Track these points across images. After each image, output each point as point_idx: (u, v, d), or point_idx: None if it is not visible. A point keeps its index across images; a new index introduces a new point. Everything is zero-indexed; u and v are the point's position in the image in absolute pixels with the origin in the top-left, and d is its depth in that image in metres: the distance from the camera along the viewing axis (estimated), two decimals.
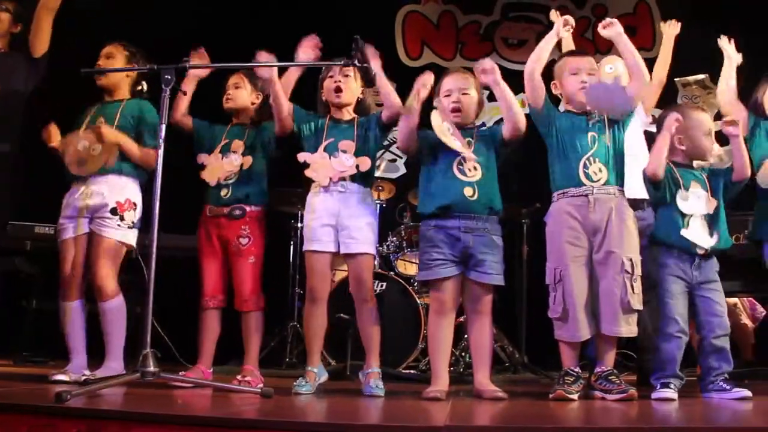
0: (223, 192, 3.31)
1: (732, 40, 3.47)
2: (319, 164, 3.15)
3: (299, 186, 3.37)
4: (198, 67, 3.25)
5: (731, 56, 3.49)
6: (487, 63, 3.00)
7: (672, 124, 2.97)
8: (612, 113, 3.01)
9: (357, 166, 3.14)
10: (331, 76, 3.24)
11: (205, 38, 3.42)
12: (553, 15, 3.55)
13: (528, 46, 6.29)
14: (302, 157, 3.19)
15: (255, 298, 3.27)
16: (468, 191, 2.96)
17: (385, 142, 4.35)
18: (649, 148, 3.20)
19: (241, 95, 3.43)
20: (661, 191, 3.00)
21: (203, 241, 3.34)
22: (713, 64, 5.78)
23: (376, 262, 3.29)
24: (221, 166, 3.34)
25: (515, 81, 6.30)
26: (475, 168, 2.99)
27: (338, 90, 3.20)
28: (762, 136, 3.31)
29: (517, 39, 6.36)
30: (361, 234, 3.10)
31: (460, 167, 2.99)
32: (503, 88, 3.00)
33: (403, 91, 6.23)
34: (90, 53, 3.39)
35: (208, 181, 3.35)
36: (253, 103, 3.44)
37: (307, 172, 3.18)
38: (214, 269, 3.31)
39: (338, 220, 3.11)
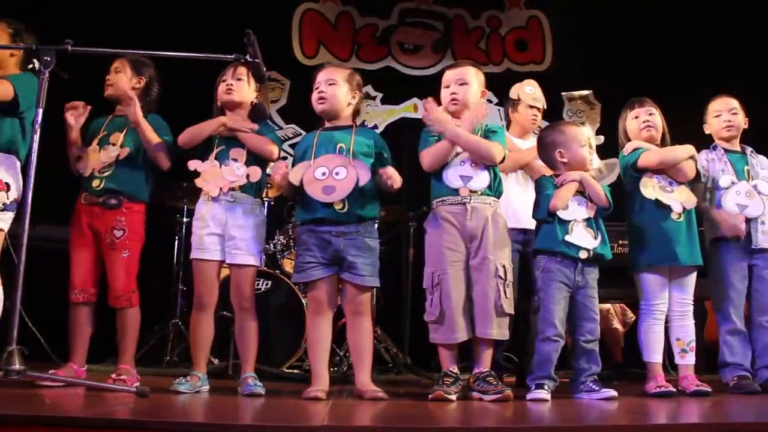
0: (95, 183, 3.18)
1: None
2: (209, 174, 3.12)
3: (185, 179, 3.28)
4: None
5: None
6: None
7: (577, 178, 3.12)
8: None
9: (248, 176, 3.11)
10: (224, 80, 3.20)
11: (96, 24, 3.31)
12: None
13: (423, 52, 6.41)
14: (192, 165, 3.15)
15: (128, 295, 3.15)
16: (338, 205, 2.97)
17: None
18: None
19: (121, 80, 3.29)
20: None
21: (74, 230, 3.20)
22: (598, 79, 6.15)
23: (262, 260, 3.25)
24: (97, 157, 3.20)
25: (409, 85, 6.43)
26: None
27: (229, 91, 3.17)
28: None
29: (412, 44, 6.44)
30: (247, 245, 3.10)
31: None
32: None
33: (297, 89, 6.22)
34: None
35: (81, 172, 3.21)
36: (134, 88, 3.29)
37: (198, 182, 3.14)
38: (84, 261, 3.16)
39: (225, 229, 3.10)
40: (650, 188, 3.33)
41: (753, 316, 3.44)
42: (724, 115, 3.61)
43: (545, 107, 3.84)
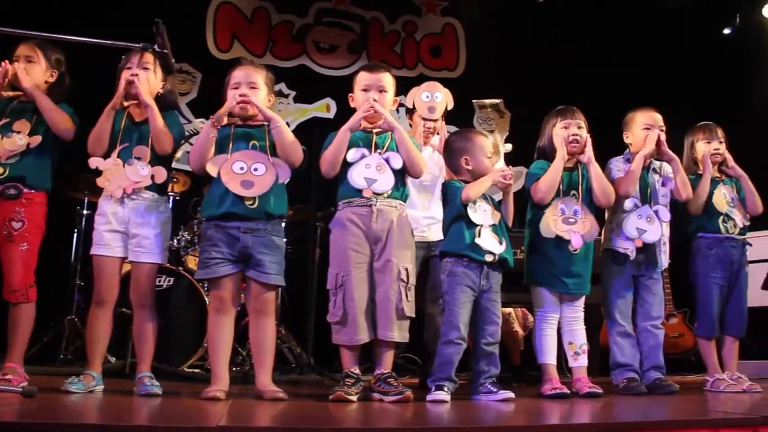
0: None
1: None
2: (112, 173, 3.02)
3: (88, 170, 3.15)
4: None
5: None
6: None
7: (498, 177, 3.15)
8: None
9: (152, 177, 3.04)
10: (129, 68, 3.09)
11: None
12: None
13: (338, 53, 6.41)
14: (94, 163, 3.04)
15: (24, 289, 3.01)
16: (248, 200, 2.94)
17: (186, 133, 4.20)
18: None
19: (34, 71, 3.12)
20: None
21: None
22: (509, 89, 6.31)
23: (165, 257, 3.17)
24: (1, 145, 3.04)
25: (322, 85, 6.41)
26: None
27: (132, 82, 3.05)
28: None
29: (328, 44, 6.43)
30: (150, 243, 3.04)
31: None
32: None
33: (208, 82, 6.10)
34: None
35: None
36: (47, 82, 3.15)
37: (99, 182, 3.04)
38: None
39: (128, 227, 3.03)
40: (551, 223, 3.35)
41: (639, 322, 3.59)
42: (656, 130, 3.59)
43: (449, 110, 3.70)
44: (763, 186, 3.88)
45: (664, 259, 3.63)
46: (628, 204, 3.57)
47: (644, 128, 3.64)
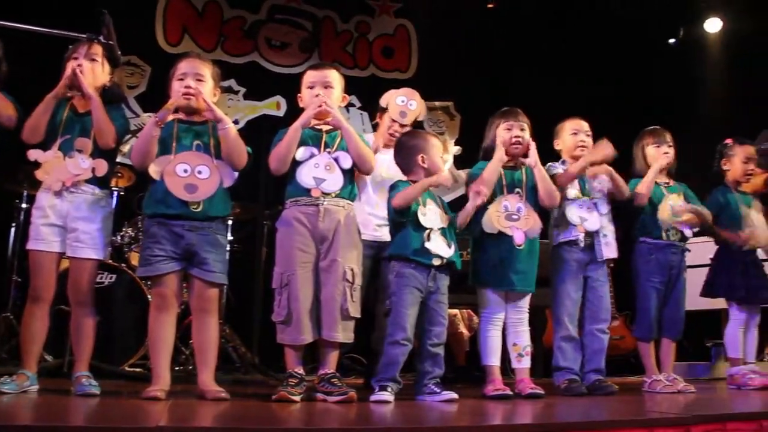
0: None
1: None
2: (52, 165, 2.93)
3: (26, 161, 3.05)
4: None
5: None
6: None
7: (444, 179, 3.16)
8: None
9: (93, 170, 2.96)
10: (75, 58, 3.01)
11: None
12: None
13: (290, 50, 6.38)
14: (33, 155, 2.95)
15: None
16: (193, 205, 2.91)
17: (133, 127, 4.12)
18: None
19: None
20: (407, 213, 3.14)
21: None
22: (459, 92, 6.37)
23: (107, 253, 3.10)
24: None
25: (273, 82, 6.37)
26: None
27: (79, 73, 2.96)
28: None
29: (280, 41, 6.39)
30: (90, 238, 2.96)
31: None
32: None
33: (158, 76, 6.00)
34: None
35: None
36: None
37: (38, 174, 2.95)
38: None
39: (67, 221, 2.94)
40: (494, 219, 3.37)
41: (584, 324, 3.65)
42: (581, 135, 3.73)
43: (419, 120, 3.72)
44: (705, 192, 3.99)
45: (605, 250, 3.68)
46: (570, 193, 3.64)
47: (572, 133, 3.76)
